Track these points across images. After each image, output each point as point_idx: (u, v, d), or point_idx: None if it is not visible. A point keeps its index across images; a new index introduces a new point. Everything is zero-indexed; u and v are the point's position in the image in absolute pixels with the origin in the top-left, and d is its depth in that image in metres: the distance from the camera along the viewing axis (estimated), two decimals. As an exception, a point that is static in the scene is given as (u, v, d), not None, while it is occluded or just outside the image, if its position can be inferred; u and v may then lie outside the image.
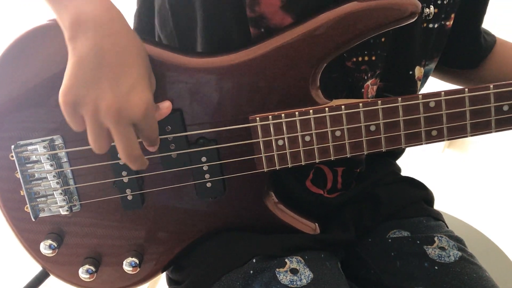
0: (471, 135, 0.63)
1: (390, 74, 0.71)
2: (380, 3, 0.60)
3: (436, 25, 0.71)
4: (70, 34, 0.55)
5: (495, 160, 2.15)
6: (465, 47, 0.81)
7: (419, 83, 0.74)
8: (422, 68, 0.74)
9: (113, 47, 0.54)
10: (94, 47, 0.53)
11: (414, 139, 0.63)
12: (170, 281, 0.77)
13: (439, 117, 0.62)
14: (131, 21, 0.78)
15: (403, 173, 0.87)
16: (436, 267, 0.68)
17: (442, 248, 0.70)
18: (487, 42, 0.82)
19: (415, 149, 0.68)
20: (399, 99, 0.61)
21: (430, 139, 0.63)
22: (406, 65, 0.72)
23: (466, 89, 0.61)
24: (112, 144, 0.58)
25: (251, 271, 0.65)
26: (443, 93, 0.61)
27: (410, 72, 0.72)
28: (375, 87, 0.71)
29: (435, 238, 0.72)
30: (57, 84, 0.55)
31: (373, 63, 0.68)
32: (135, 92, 0.55)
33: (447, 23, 0.72)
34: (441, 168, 2.18)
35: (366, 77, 0.68)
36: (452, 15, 0.72)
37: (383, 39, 0.67)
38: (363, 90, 0.69)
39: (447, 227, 0.78)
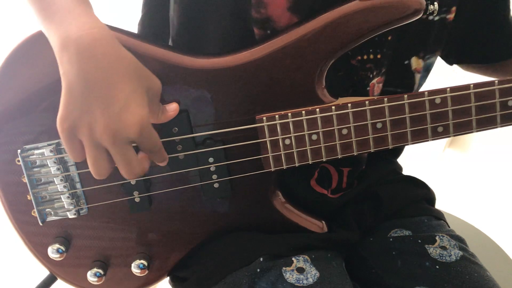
0: (477, 131, 0.63)
1: (388, 65, 0.71)
2: (384, 1, 0.60)
3: (436, 18, 0.71)
4: (59, 59, 0.55)
5: (495, 159, 2.15)
6: (496, 39, 0.79)
7: (417, 75, 0.74)
8: (420, 60, 0.73)
9: (97, 69, 0.53)
10: (79, 72, 0.53)
11: (420, 136, 0.63)
12: (174, 277, 0.76)
13: (445, 113, 0.62)
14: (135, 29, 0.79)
15: (403, 173, 0.87)
16: (437, 266, 0.68)
17: (443, 248, 0.70)
18: None
19: (415, 148, 0.69)
20: (405, 96, 0.62)
21: (436, 135, 0.63)
22: (401, 55, 0.71)
23: (471, 85, 0.61)
24: None
25: (258, 270, 0.65)
26: (448, 89, 0.62)
27: (406, 62, 0.72)
28: (380, 85, 0.71)
29: (437, 238, 0.72)
30: (61, 88, 0.55)
31: (378, 61, 0.68)
32: (127, 110, 0.54)
33: (448, 16, 0.72)
34: (442, 168, 2.18)
35: (371, 76, 0.69)
36: (453, 8, 0.71)
37: (389, 38, 0.67)
38: (368, 88, 0.69)
39: (449, 227, 0.78)
